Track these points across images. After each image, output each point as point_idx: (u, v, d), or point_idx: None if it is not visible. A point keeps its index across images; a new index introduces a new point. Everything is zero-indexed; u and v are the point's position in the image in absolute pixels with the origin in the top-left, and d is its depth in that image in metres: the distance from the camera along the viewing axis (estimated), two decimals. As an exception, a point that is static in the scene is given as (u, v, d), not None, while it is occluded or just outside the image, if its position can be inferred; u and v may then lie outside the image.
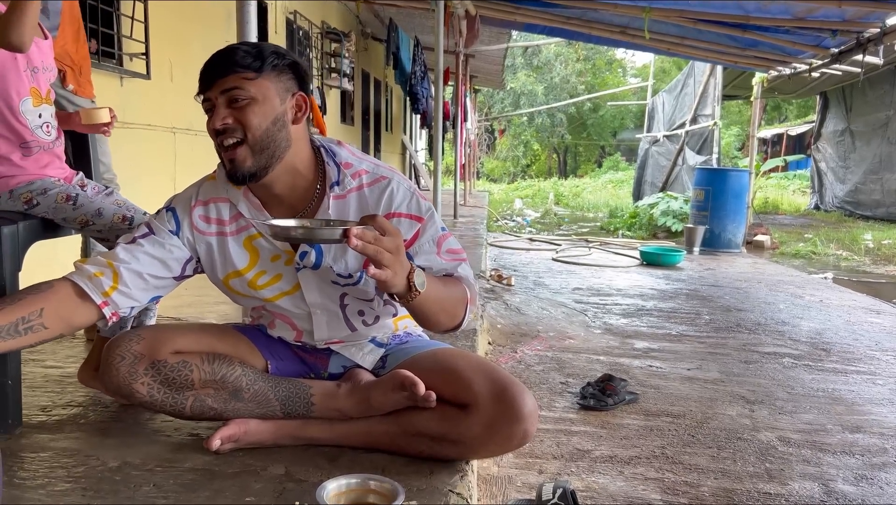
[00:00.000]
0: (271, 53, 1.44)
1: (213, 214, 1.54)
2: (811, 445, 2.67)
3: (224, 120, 1.40)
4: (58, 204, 1.73)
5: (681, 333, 4.42)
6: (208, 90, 1.42)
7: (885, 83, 11.71)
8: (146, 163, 4.10)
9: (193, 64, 4.84)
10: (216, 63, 1.42)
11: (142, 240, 1.49)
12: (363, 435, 1.54)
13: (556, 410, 2.97)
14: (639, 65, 35.48)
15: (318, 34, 8.12)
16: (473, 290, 1.53)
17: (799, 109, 25.73)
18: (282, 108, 1.43)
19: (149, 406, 1.49)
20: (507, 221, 12.86)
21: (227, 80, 1.40)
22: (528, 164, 34.51)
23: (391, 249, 1.25)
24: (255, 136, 1.40)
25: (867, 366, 3.81)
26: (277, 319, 1.61)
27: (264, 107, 1.40)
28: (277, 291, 1.55)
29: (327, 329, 1.59)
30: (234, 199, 1.53)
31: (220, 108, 1.40)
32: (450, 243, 1.54)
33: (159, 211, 1.56)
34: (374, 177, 1.51)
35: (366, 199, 1.50)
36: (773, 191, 17.37)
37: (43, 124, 1.74)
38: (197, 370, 1.47)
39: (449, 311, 1.46)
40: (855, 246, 9.46)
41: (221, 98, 1.40)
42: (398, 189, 1.50)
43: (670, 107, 13.95)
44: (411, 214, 1.50)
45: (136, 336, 1.48)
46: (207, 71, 1.43)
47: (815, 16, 5.93)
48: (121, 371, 1.44)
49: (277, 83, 1.43)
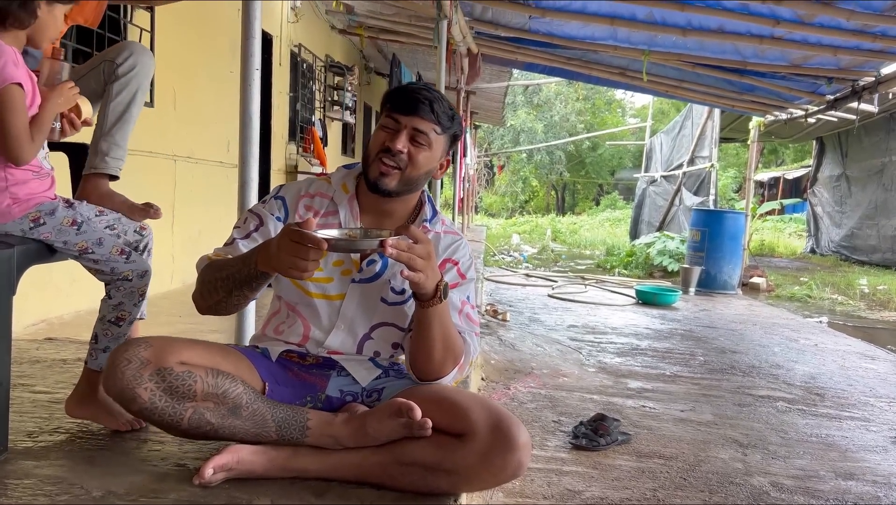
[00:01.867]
0: (458, 121, 1.69)
1: (316, 206, 1.71)
2: (804, 491, 2.65)
3: (403, 146, 1.60)
4: (62, 226, 1.75)
5: (675, 373, 4.40)
6: (404, 116, 1.61)
7: (880, 130, 11.85)
8: (146, 190, 4.11)
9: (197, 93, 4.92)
10: (421, 102, 1.61)
11: (255, 234, 1.65)
12: (355, 466, 1.53)
13: (547, 448, 2.94)
14: (638, 105, 35.96)
15: (322, 67, 8.23)
16: (468, 358, 1.66)
17: (796, 153, 25.98)
18: (435, 163, 1.68)
19: (148, 413, 1.48)
20: (504, 256, 12.88)
21: (424, 122, 1.61)
22: (526, 200, 34.69)
23: (423, 255, 1.43)
24: (412, 173, 1.62)
25: (861, 412, 3.80)
26: (299, 319, 1.68)
27: (431, 157, 1.64)
28: (321, 290, 1.67)
29: (339, 345, 1.68)
30: (338, 201, 1.71)
31: (404, 136, 1.60)
32: (469, 310, 1.71)
33: (266, 200, 1.72)
34: (450, 229, 1.79)
35: (438, 241, 1.72)
36: (769, 233, 17.45)
37: (45, 155, 1.81)
38: (201, 382, 1.48)
39: (447, 349, 1.57)
40: (850, 290, 9.48)
41: (409, 130, 1.61)
42: (463, 247, 1.76)
43: (668, 148, 14.10)
44: (460, 270, 1.72)
45: (145, 342, 1.49)
46: (412, 102, 1.61)
47: (810, 63, 6.04)
48: (126, 374, 1.45)
49: (446, 144, 1.68)
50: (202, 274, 1.58)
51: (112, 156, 1.88)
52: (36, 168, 1.74)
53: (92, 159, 1.89)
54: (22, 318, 3.12)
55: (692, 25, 5.37)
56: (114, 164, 1.89)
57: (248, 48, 2.25)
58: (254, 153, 2.29)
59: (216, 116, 4.95)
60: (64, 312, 3.42)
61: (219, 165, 4.98)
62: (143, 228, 1.87)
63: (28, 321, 3.20)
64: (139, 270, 1.82)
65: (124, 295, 1.82)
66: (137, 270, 1.81)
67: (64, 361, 2.53)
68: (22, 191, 1.71)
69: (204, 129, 4.89)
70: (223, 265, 1.53)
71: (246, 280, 1.48)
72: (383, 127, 1.63)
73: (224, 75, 4.90)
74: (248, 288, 1.51)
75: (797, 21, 4.95)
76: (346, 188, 1.72)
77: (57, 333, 3.04)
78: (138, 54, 1.88)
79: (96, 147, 1.88)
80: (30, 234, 1.73)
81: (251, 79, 2.26)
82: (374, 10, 6.85)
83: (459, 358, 1.62)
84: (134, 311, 1.84)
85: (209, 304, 1.56)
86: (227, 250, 1.62)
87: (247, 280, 1.48)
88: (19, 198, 1.70)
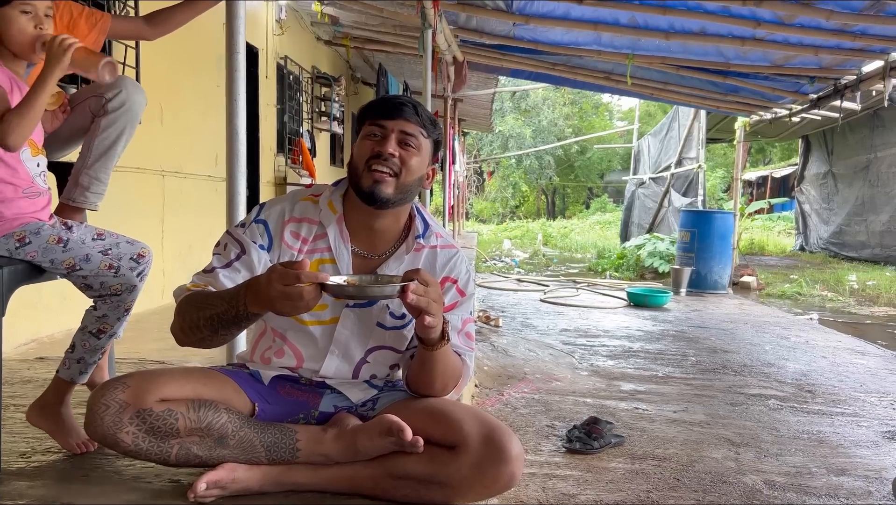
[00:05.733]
0: (439, 127, 1.67)
1: (303, 233, 1.64)
2: (796, 488, 2.67)
3: (395, 150, 1.56)
4: (48, 245, 1.73)
5: (667, 374, 4.42)
6: (390, 121, 1.57)
7: (864, 127, 11.97)
8: (135, 205, 4.11)
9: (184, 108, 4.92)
10: (404, 105, 1.59)
11: (237, 263, 1.58)
12: (348, 479, 1.53)
13: (542, 453, 2.96)
14: (625, 108, 36.10)
15: (309, 78, 8.24)
16: (466, 378, 1.67)
17: (783, 152, 26.16)
18: (425, 170, 1.64)
19: (133, 455, 1.47)
20: (496, 262, 12.91)
21: (410, 125, 1.58)
22: (516, 206, 34.76)
23: (437, 299, 1.42)
24: (406, 178, 1.58)
25: (852, 407, 3.83)
26: (289, 348, 1.63)
27: (421, 162, 1.61)
28: (315, 318, 1.60)
29: (334, 372, 1.64)
30: (326, 223, 1.63)
31: (392, 141, 1.57)
32: (470, 328, 1.69)
33: (247, 223, 1.63)
34: (446, 242, 1.72)
35: (435, 258, 1.69)
36: (758, 232, 17.55)
37: (40, 173, 1.78)
38: (182, 418, 1.45)
39: (448, 377, 1.59)
40: (840, 287, 9.55)
41: (397, 134, 1.57)
42: (461, 262, 1.72)
43: (656, 150, 14.17)
44: (459, 287, 1.69)
45: (122, 384, 1.46)
46: (395, 107, 1.59)
47: (792, 63, 6.10)
48: (105, 420, 1.43)
49: (431, 150, 1.65)
50: (182, 308, 1.50)
51: (92, 190, 1.87)
52: (27, 184, 1.72)
53: (71, 191, 1.87)
54: (13, 337, 3.10)
55: (675, 29, 5.42)
56: (93, 198, 1.88)
57: (233, 62, 2.25)
58: (241, 167, 2.29)
59: (203, 131, 4.95)
60: (55, 330, 3.40)
61: (207, 179, 4.98)
62: (142, 256, 1.83)
63: (19, 340, 3.19)
64: (128, 284, 1.80)
65: (110, 308, 1.81)
66: (127, 285, 1.80)
67: (55, 379, 2.52)
68: (8, 210, 1.69)
69: (192, 144, 4.89)
70: (205, 303, 1.46)
71: (234, 321, 1.43)
72: (368, 136, 1.58)
73: (210, 89, 4.91)
74: (237, 327, 1.46)
75: (778, 22, 5.01)
76: (334, 208, 1.64)
77: (48, 351, 3.02)
78: (130, 91, 1.85)
79: (77, 179, 1.86)
80: (16, 253, 1.71)
81: (237, 92, 2.26)
82: (360, 20, 6.87)
83: (458, 380, 1.63)
84: (116, 325, 1.83)
85: (192, 340, 1.50)
86: (206, 279, 1.55)
87: (235, 321, 1.43)
88: (5, 217, 1.69)
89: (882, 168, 11.99)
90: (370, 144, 1.57)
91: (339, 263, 1.61)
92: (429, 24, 4.83)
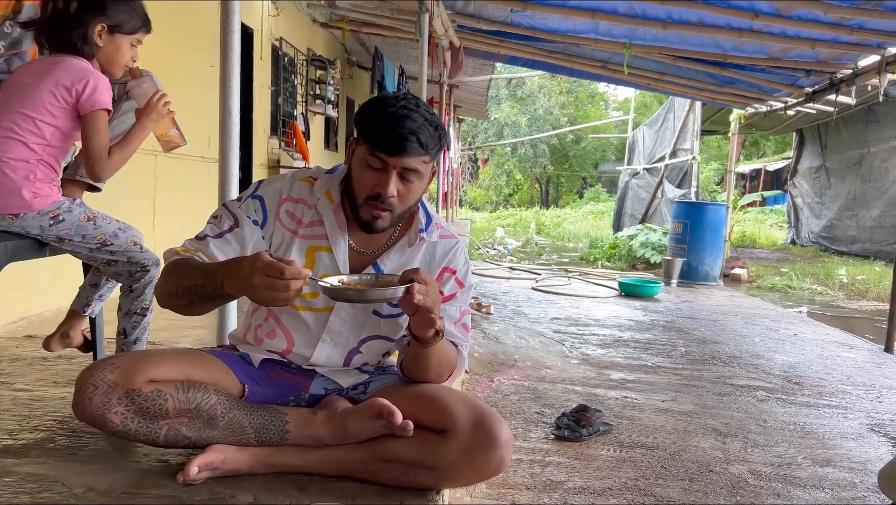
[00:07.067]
0: (443, 136, 1.55)
1: (298, 213, 1.62)
2: (782, 478, 2.69)
3: (395, 190, 1.50)
4: (80, 222, 1.88)
5: (656, 364, 4.45)
6: (391, 157, 1.47)
7: (858, 122, 12.00)
8: (126, 185, 4.08)
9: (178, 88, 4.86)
10: (407, 140, 1.46)
11: (229, 235, 1.57)
12: (337, 462, 1.53)
13: (530, 440, 2.97)
14: (621, 98, 36.06)
15: (304, 61, 8.18)
16: (461, 368, 1.67)
17: (777, 145, 26.22)
18: (424, 188, 1.57)
19: (122, 435, 1.46)
20: (489, 250, 12.91)
21: (412, 161, 1.49)
22: (510, 194, 34.76)
23: (437, 299, 1.43)
24: (403, 210, 1.55)
25: (839, 400, 3.86)
26: (281, 330, 1.63)
27: (422, 183, 1.55)
28: (308, 304, 1.61)
29: (325, 360, 1.64)
30: (322, 212, 1.61)
31: (394, 180, 1.49)
32: (467, 319, 1.69)
33: (244, 197, 1.62)
34: (446, 232, 1.70)
35: (435, 248, 1.67)
36: (750, 225, 17.62)
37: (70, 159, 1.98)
38: (171, 399, 1.45)
39: (443, 368, 1.59)
40: (829, 281, 9.61)
41: (399, 170, 1.49)
42: (460, 252, 1.70)
43: (651, 140, 14.17)
44: (458, 278, 1.68)
45: (111, 364, 1.46)
46: (399, 141, 1.46)
47: (789, 56, 6.10)
48: (94, 401, 1.42)
49: (432, 167, 1.58)
50: (166, 272, 1.51)
51: None
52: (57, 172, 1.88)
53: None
54: (2, 316, 3.09)
55: (672, 18, 5.40)
56: None
57: (227, 42, 2.23)
58: (234, 148, 2.28)
59: (197, 111, 4.91)
60: (44, 309, 3.39)
61: (200, 160, 4.94)
62: None
63: (8, 319, 3.17)
64: (154, 259, 1.97)
65: (145, 285, 1.98)
66: (152, 259, 1.96)
67: (44, 358, 2.52)
68: (44, 189, 1.82)
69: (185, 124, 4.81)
70: (186, 273, 1.45)
71: (210, 297, 1.43)
72: (368, 166, 1.50)
73: (205, 70, 4.86)
74: (212, 303, 1.46)
75: (776, 14, 5.00)
76: (331, 197, 1.61)
77: (37, 330, 3.01)
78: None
79: None
80: (48, 231, 1.84)
81: (231, 73, 2.25)
82: (356, 3, 6.82)
83: (453, 371, 1.64)
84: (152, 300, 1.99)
85: (171, 305, 1.50)
86: (197, 245, 1.55)
87: (210, 297, 1.43)
88: (41, 193, 1.81)
89: (875, 163, 12.03)
90: (370, 178, 1.50)
91: (335, 251, 1.60)
92: (426, 7, 4.80)
